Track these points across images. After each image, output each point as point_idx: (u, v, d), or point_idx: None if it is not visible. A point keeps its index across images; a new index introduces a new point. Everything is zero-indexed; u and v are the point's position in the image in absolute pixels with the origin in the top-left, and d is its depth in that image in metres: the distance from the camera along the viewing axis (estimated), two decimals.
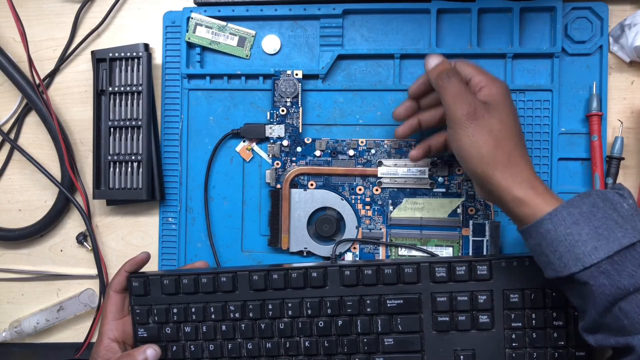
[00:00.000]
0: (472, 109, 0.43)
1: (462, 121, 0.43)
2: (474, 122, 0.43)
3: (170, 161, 0.60)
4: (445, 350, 0.50)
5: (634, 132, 0.57)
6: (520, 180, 0.43)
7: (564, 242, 0.40)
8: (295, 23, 0.59)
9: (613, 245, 0.38)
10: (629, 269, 0.38)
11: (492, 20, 0.57)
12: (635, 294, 0.38)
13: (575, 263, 0.39)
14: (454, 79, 0.45)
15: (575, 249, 0.39)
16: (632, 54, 0.54)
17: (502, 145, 0.43)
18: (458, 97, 0.44)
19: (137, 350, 0.50)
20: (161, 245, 0.60)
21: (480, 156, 0.43)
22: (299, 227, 0.57)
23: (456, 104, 0.44)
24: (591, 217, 0.39)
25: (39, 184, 0.63)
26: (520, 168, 0.43)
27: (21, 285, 0.63)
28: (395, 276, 0.50)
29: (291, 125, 0.58)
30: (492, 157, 0.43)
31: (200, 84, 0.59)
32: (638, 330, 0.38)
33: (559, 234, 0.40)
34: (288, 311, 0.51)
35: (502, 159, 0.43)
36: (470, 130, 0.43)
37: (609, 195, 0.41)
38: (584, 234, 0.39)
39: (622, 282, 0.38)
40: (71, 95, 0.62)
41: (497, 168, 0.43)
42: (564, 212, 0.40)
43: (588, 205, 0.40)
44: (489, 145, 0.43)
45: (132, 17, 0.62)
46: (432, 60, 0.47)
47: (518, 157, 0.44)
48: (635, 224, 0.39)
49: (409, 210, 0.57)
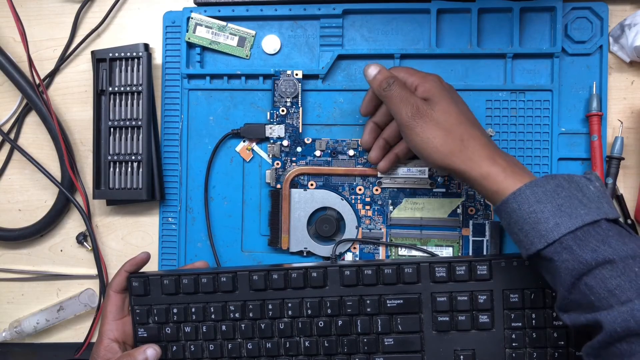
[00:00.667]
0: (414, 108, 0.46)
1: (409, 122, 0.46)
2: (420, 120, 0.45)
3: (170, 161, 0.60)
4: (445, 350, 0.50)
5: (634, 132, 0.57)
6: (479, 159, 0.44)
7: (528, 220, 0.41)
8: (295, 23, 0.59)
9: (575, 222, 0.39)
10: (592, 244, 0.39)
11: (492, 20, 0.57)
12: (598, 269, 0.38)
13: (540, 240, 0.40)
14: (394, 85, 0.47)
15: (538, 226, 0.40)
16: (632, 54, 0.54)
17: (451, 133, 0.45)
18: (400, 101, 0.46)
19: (137, 350, 0.50)
20: (161, 245, 0.60)
21: (435, 149, 0.45)
22: (299, 227, 0.57)
23: (400, 108, 0.46)
24: (555, 196, 0.40)
25: (39, 184, 0.63)
26: (476, 149, 0.45)
27: (21, 285, 0.63)
28: (395, 276, 0.50)
29: (291, 125, 0.58)
30: (445, 147, 0.45)
31: (200, 84, 0.59)
32: (605, 305, 0.38)
33: (523, 213, 0.41)
34: (288, 311, 0.51)
35: (455, 146, 0.45)
36: (419, 128, 0.45)
37: (575, 178, 0.42)
38: (547, 212, 0.40)
39: (584, 257, 0.38)
40: (71, 95, 0.62)
41: (454, 155, 0.45)
42: (528, 191, 0.41)
43: (553, 185, 0.41)
44: (439, 137, 0.45)
45: (132, 17, 0.62)
46: (371, 71, 0.49)
47: (471, 140, 0.45)
48: (601, 204, 0.40)
49: (409, 210, 0.57)
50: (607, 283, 0.38)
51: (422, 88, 0.47)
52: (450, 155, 0.45)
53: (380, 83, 0.48)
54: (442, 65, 0.58)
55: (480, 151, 0.44)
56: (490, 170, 0.43)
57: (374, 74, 0.49)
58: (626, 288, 0.37)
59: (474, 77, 0.57)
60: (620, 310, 0.37)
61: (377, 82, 0.48)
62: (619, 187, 0.56)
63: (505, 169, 0.43)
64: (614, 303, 0.37)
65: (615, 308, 0.37)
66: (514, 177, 0.43)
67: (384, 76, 0.48)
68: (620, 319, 0.36)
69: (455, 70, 0.57)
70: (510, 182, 0.42)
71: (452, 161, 0.45)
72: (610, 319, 0.37)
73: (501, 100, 0.57)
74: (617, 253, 0.38)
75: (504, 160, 0.44)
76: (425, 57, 0.58)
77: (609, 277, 0.38)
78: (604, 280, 0.38)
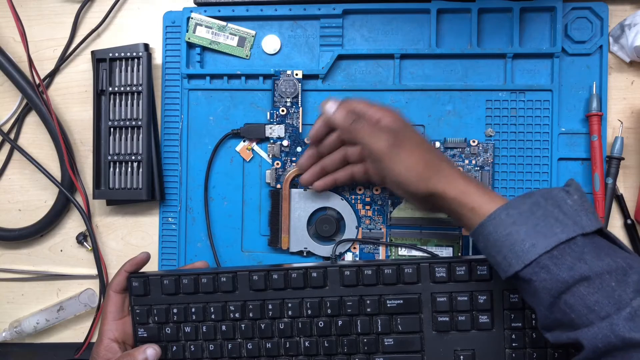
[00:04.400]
0: (391, 138, 0.46)
1: (388, 152, 0.46)
2: (400, 149, 0.46)
3: (170, 161, 0.60)
4: (445, 350, 0.50)
5: (634, 132, 0.57)
6: (455, 179, 0.45)
7: (505, 242, 0.41)
8: (295, 23, 0.59)
9: (551, 241, 0.39)
10: (568, 262, 0.39)
11: (492, 20, 0.57)
12: (576, 286, 0.38)
13: (517, 261, 0.40)
14: (361, 120, 0.47)
15: (515, 247, 0.40)
16: (632, 54, 0.54)
17: (427, 158, 0.46)
18: (374, 133, 0.47)
19: (137, 350, 0.50)
20: (161, 245, 0.60)
21: (418, 175, 0.45)
22: (299, 227, 0.57)
23: (376, 140, 0.46)
24: (530, 216, 0.41)
25: (39, 184, 0.63)
26: (450, 170, 0.46)
27: (21, 285, 0.63)
28: (395, 276, 0.50)
29: (291, 125, 0.58)
30: (426, 171, 0.45)
31: (200, 84, 0.59)
32: (585, 322, 0.38)
33: (499, 235, 0.41)
34: (288, 311, 0.51)
35: (434, 169, 0.46)
36: (400, 156, 0.46)
37: (553, 193, 0.42)
38: (523, 233, 0.40)
39: (561, 276, 0.38)
40: (71, 95, 0.62)
41: (433, 178, 0.45)
42: (502, 214, 0.41)
43: (528, 204, 0.41)
44: (421, 163, 0.46)
45: (132, 17, 0.62)
46: (330, 107, 0.49)
47: (443, 163, 0.46)
48: (579, 218, 0.40)
49: (409, 210, 0.57)
50: (586, 300, 0.38)
51: (386, 119, 0.48)
52: (429, 179, 0.45)
53: (345, 118, 0.48)
54: (442, 65, 0.58)
55: (454, 172, 0.46)
56: (466, 189, 0.44)
57: (334, 109, 0.49)
58: (604, 304, 0.37)
59: (474, 77, 0.57)
60: (600, 326, 0.37)
61: (342, 117, 0.48)
62: (619, 187, 0.56)
63: (479, 188, 0.44)
64: (594, 319, 0.37)
65: (596, 324, 0.37)
66: (488, 196, 0.43)
67: (347, 110, 0.48)
68: (601, 335, 0.37)
69: (455, 70, 0.57)
70: (486, 200, 0.43)
71: (432, 184, 0.45)
72: (591, 335, 0.37)
73: (501, 100, 0.57)
74: (593, 269, 0.38)
75: (475, 180, 0.46)
76: (425, 57, 0.58)
77: (587, 294, 0.38)
78: (582, 298, 0.38)
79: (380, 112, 0.49)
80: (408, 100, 0.58)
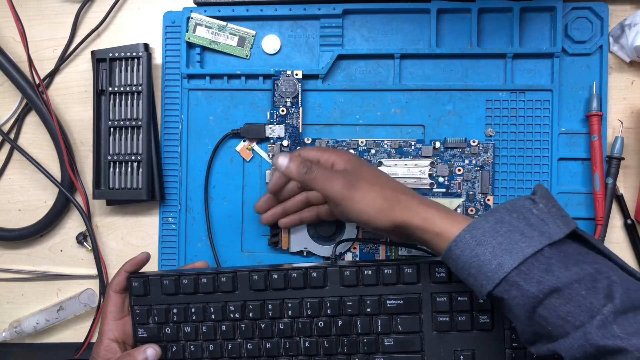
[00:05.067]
0: (345, 180, 0.46)
1: (345, 194, 0.46)
2: (355, 189, 0.46)
3: (170, 161, 0.60)
4: (445, 350, 0.50)
5: (634, 132, 0.57)
6: (415, 207, 0.45)
7: (473, 264, 0.41)
8: (295, 23, 0.59)
9: (517, 257, 0.39)
10: (537, 276, 0.38)
11: (492, 20, 0.57)
12: (547, 299, 0.38)
13: (487, 282, 0.40)
14: (313, 167, 0.48)
15: (483, 268, 0.40)
16: (632, 54, 0.54)
17: (385, 192, 0.46)
18: (327, 179, 0.47)
19: (137, 350, 0.50)
20: (161, 245, 0.60)
21: (379, 210, 0.45)
22: (299, 227, 0.57)
23: (330, 185, 0.47)
24: (494, 235, 0.40)
25: (39, 184, 0.63)
26: (408, 200, 0.46)
27: (21, 285, 0.63)
28: (395, 276, 0.50)
29: (291, 125, 0.58)
30: (386, 205, 0.45)
31: (200, 84, 0.59)
32: (561, 334, 0.38)
33: (466, 258, 0.41)
34: (288, 311, 0.51)
35: (393, 202, 0.45)
36: (357, 196, 0.46)
37: (517, 205, 0.42)
38: (488, 253, 0.40)
39: (531, 291, 0.38)
40: (71, 95, 0.62)
41: (394, 210, 0.45)
42: (467, 236, 0.41)
43: (491, 222, 0.41)
44: (378, 198, 0.46)
45: (132, 17, 0.62)
46: (282, 161, 0.49)
47: (400, 194, 0.46)
48: (546, 227, 0.40)
49: None
50: (558, 311, 0.38)
51: (340, 161, 0.49)
52: (391, 211, 0.45)
53: (299, 170, 0.48)
54: (442, 65, 0.58)
55: (412, 201, 0.45)
56: (426, 215, 0.44)
57: (285, 163, 0.49)
58: (577, 313, 0.37)
59: (474, 77, 0.57)
60: (575, 336, 0.37)
61: (295, 169, 0.48)
62: (619, 187, 0.56)
63: (440, 211, 0.44)
64: (569, 329, 0.37)
65: (571, 335, 0.37)
66: (451, 218, 0.43)
67: (298, 162, 0.48)
68: (576, 345, 0.37)
69: (455, 70, 0.57)
70: (448, 223, 0.43)
71: (394, 217, 0.45)
72: (568, 346, 0.37)
73: (501, 100, 0.57)
74: (561, 280, 0.38)
75: (434, 205, 0.45)
76: (425, 57, 0.58)
77: (559, 305, 0.38)
78: (555, 309, 0.38)
79: (333, 156, 0.50)
80: (408, 100, 0.58)
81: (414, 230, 0.45)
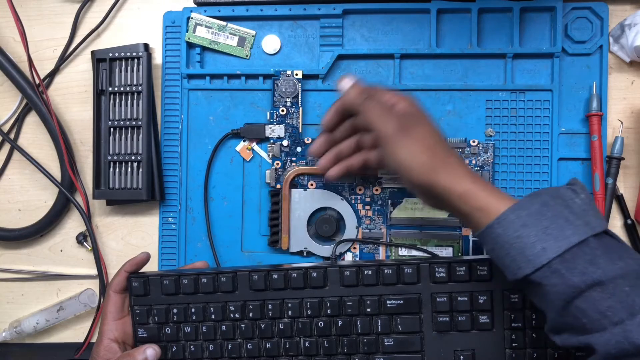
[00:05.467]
0: (400, 123, 0.45)
1: (395, 136, 0.44)
2: (407, 135, 0.44)
3: (170, 161, 0.60)
4: (445, 350, 0.50)
5: (634, 132, 0.57)
6: (461, 176, 0.43)
7: (514, 245, 0.39)
8: (295, 23, 0.59)
9: (562, 244, 0.38)
10: (580, 266, 0.38)
11: (492, 20, 0.57)
12: (588, 291, 0.37)
13: (527, 265, 0.39)
14: (374, 99, 0.46)
15: (525, 251, 0.39)
16: (632, 54, 0.54)
17: (435, 150, 0.44)
18: (384, 115, 0.45)
19: (137, 350, 0.50)
20: (161, 245, 0.60)
21: (421, 164, 0.44)
22: (299, 227, 0.57)
23: (385, 122, 0.45)
24: (540, 218, 0.39)
25: (39, 184, 0.63)
26: (456, 167, 0.44)
27: (21, 285, 0.63)
28: (395, 276, 0.50)
29: (291, 125, 0.58)
30: (430, 163, 0.44)
31: (200, 84, 0.59)
32: (597, 327, 0.37)
33: (509, 238, 0.40)
34: (288, 311, 0.51)
35: (439, 163, 0.44)
36: (405, 142, 0.44)
37: (560, 192, 0.41)
38: (533, 236, 0.39)
39: (573, 280, 0.38)
40: (71, 95, 0.62)
41: (437, 172, 0.43)
42: (512, 215, 0.40)
43: (537, 205, 0.40)
44: (426, 153, 0.44)
45: (132, 17, 0.62)
46: (346, 82, 0.48)
47: (451, 158, 0.44)
48: (588, 218, 0.39)
49: (409, 210, 0.57)
50: (598, 305, 0.37)
51: (402, 105, 0.47)
52: (433, 172, 0.43)
53: (360, 94, 0.47)
54: (442, 65, 0.58)
55: (460, 170, 0.44)
56: (472, 187, 0.42)
57: (349, 85, 0.47)
58: (618, 309, 0.36)
59: (474, 77, 0.57)
60: (613, 332, 0.36)
61: (356, 92, 0.47)
62: (619, 187, 0.56)
63: (486, 187, 0.43)
64: (607, 325, 0.37)
65: (608, 330, 0.37)
66: (497, 195, 0.42)
67: (362, 88, 0.47)
68: (613, 341, 0.36)
69: (455, 70, 0.57)
70: (494, 200, 0.41)
71: (435, 178, 0.43)
72: (604, 341, 0.37)
73: (501, 100, 0.57)
74: (606, 274, 0.37)
75: (482, 180, 0.44)
76: (425, 57, 0.58)
77: (600, 299, 0.37)
78: (594, 303, 0.37)
79: (396, 98, 0.47)
80: None
81: (453, 199, 0.43)
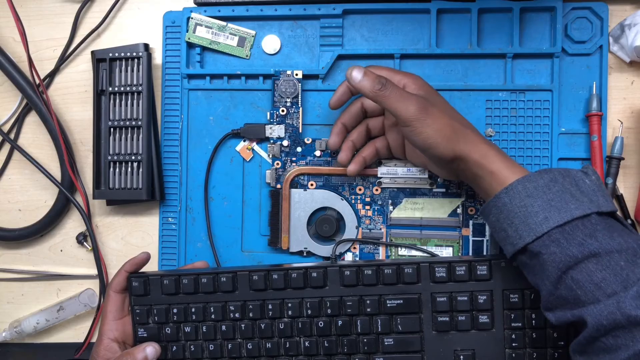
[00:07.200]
0: (420, 103, 0.46)
1: (417, 117, 0.46)
2: (428, 114, 0.46)
3: (170, 161, 0.60)
4: (445, 350, 0.50)
5: (634, 132, 0.57)
6: (478, 142, 0.46)
7: (518, 214, 0.41)
8: (295, 23, 0.59)
9: (564, 215, 0.40)
10: (579, 238, 0.39)
11: (492, 20, 0.57)
12: (584, 262, 0.38)
13: (529, 233, 0.41)
14: (389, 84, 0.47)
15: (528, 219, 0.41)
16: (632, 54, 0.54)
17: (454, 123, 0.47)
18: (402, 99, 0.46)
19: (137, 349, 0.50)
20: (161, 245, 0.60)
21: (447, 138, 0.46)
22: (299, 227, 0.57)
23: (404, 105, 0.46)
24: (546, 191, 0.41)
25: (39, 184, 0.63)
26: (473, 134, 0.47)
27: (21, 285, 0.63)
28: (395, 276, 0.50)
29: (291, 125, 0.58)
30: (453, 135, 0.46)
31: (200, 84, 0.59)
32: (591, 299, 0.38)
33: (514, 207, 0.42)
34: (288, 311, 0.51)
35: (460, 133, 0.46)
36: (429, 120, 0.46)
37: (571, 172, 0.43)
38: (537, 206, 0.41)
39: (571, 250, 0.39)
40: (71, 95, 0.62)
41: (459, 141, 0.46)
42: (519, 186, 0.42)
43: (546, 180, 0.42)
44: (449, 127, 0.46)
45: (132, 17, 0.62)
46: (356, 74, 0.48)
47: (467, 127, 0.48)
48: (595, 197, 0.41)
49: (409, 210, 0.57)
50: (593, 276, 0.38)
51: (413, 85, 0.49)
52: (456, 142, 0.46)
53: (373, 84, 0.47)
54: (442, 65, 0.58)
55: (477, 137, 0.47)
56: (488, 152, 0.45)
57: (360, 77, 0.48)
58: (612, 281, 0.37)
59: (474, 77, 0.57)
60: (606, 303, 0.37)
61: (369, 84, 0.47)
62: (619, 187, 0.56)
63: (500, 153, 0.46)
64: (600, 296, 0.38)
65: (602, 301, 0.37)
66: (509, 163, 0.45)
67: (373, 77, 0.47)
68: (606, 312, 0.37)
69: (455, 70, 0.57)
70: (506, 166, 0.44)
71: (458, 147, 0.46)
72: (597, 312, 0.37)
73: (501, 100, 0.57)
74: (603, 247, 0.38)
75: (497, 147, 0.47)
76: (425, 57, 0.58)
77: (595, 271, 0.38)
78: (589, 274, 0.38)
79: (405, 78, 0.49)
80: None
81: (471, 164, 0.46)
